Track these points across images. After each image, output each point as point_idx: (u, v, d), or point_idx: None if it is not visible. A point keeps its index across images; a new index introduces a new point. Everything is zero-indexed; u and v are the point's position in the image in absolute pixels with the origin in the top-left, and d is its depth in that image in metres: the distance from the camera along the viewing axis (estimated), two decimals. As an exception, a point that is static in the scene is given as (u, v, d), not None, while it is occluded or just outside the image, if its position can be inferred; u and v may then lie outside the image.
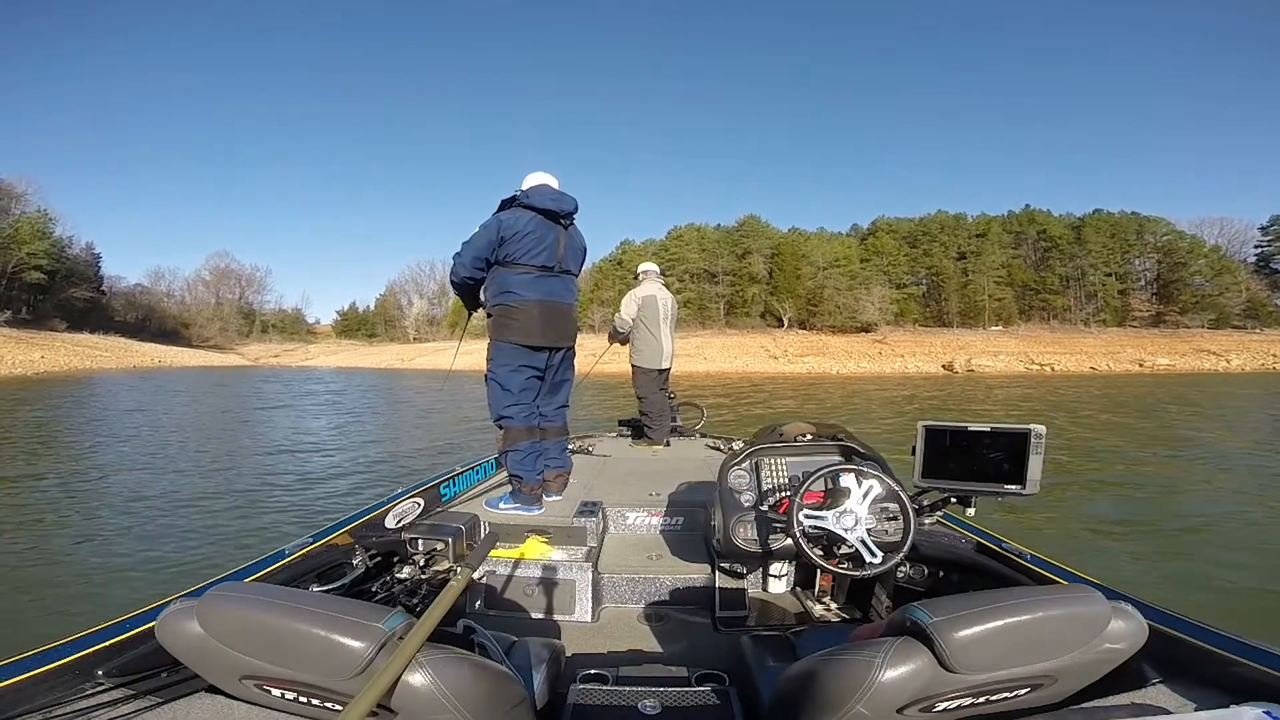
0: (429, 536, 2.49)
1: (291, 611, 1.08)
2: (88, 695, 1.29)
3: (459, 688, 1.06)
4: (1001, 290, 58.02)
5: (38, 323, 52.48)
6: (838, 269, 58.53)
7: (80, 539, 5.35)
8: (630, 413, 5.43)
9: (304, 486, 7.41)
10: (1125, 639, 1.19)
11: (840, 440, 2.49)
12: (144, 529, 5.62)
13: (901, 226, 63.13)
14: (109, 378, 31.60)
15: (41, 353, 38.94)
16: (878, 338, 52.33)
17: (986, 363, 39.22)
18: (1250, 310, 51.81)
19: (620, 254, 64.86)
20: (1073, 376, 33.44)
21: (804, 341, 51.55)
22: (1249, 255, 56.96)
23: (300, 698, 1.14)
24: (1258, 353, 39.18)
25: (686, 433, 5.54)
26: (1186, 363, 38.43)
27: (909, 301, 58.97)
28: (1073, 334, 52.58)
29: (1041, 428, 1.87)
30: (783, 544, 2.21)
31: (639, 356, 5.27)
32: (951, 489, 2.02)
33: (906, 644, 1.13)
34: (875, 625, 1.60)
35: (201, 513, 6.16)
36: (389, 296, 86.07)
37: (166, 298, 79.81)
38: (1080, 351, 42.88)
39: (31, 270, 54.32)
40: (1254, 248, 57.08)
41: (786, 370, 40.05)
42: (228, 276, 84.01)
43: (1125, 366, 38.16)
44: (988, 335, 53.09)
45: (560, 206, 3.05)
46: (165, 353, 53.30)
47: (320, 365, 53.66)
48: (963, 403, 19.56)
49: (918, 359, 42.16)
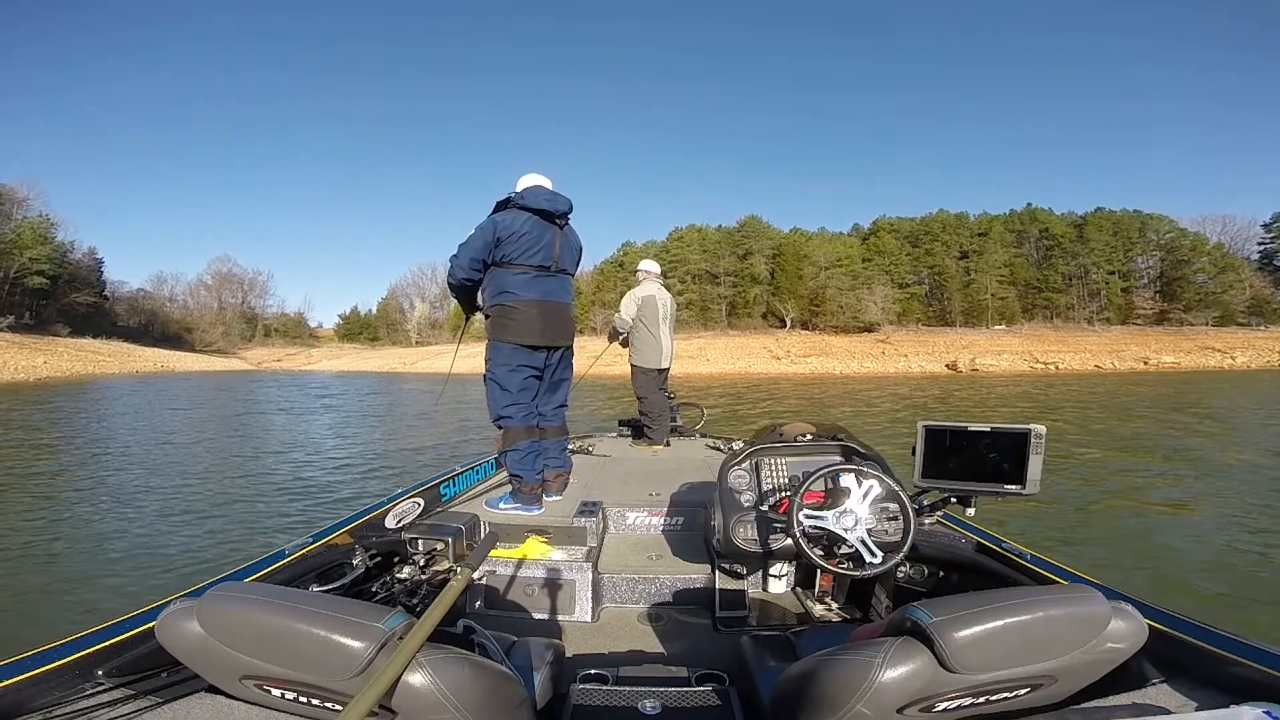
0: (429, 536, 2.48)
1: (291, 611, 1.08)
2: (88, 695, 1.29)
3: (459, 688, 1.06)
4: (1004, 289, 57.86)
5: (40, 328, 52.56)
6: (840, 269, 58.43)
7: (80, 538, 5.33)
8: (630, 413, 5.41)
9: (302, 488, 7.40)
10: (1125, 639, 1.19)
11: (840, 440, 2.49)
12: (145, 529, 5.61)
13: (903, 226, 62.98)
14: (112, 383, 31.66)
15: (44, 358, 38.97)
16: (881, 338, 52.24)
17: (990, 362, 39.12)
18: (1254, 307, 51.53)
19: (622, 255, 64.95)
20: (1078, 375, 33.34)
21: (807, 342, 51.49)
22: (1252, 252, 56.76)
23: (300, 698, 1.14)
24: (1262, 350, 39.01)
25: (686, 433, 5.54)
26: (1191, 360, 38.26)
27: (911, 301, 58.83)
28: (1076, 332, 52.41)
29: (1041, 428, 1.85)
30: (783, 544, 2.21)
31: (639, 356, 5.26)
32: (951, 489, 2.01)
33: (906, 644, 1.13)
34: (875, 625, 1.61)
35: (201, 514, 6.14)
36: (391, 300, 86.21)
37: (169, 302, 79.94)
38: (1084, 350, 42.75)
39: (34, 275, 54.38)
40: (1257, 245, 56.86)
41: (789, 371, 40.04)
42: (230, 281, 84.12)
43: (1130, 364, 38.04)
44: (991, 334, 52.95)
45: (555, 206, 3.06)
46: (168, 357, 53.31)
47: (322, 369, 53.84)
48: (968, 404, 19.47)
49: (921, 359, 42.08)
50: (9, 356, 36.86)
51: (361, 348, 77.10)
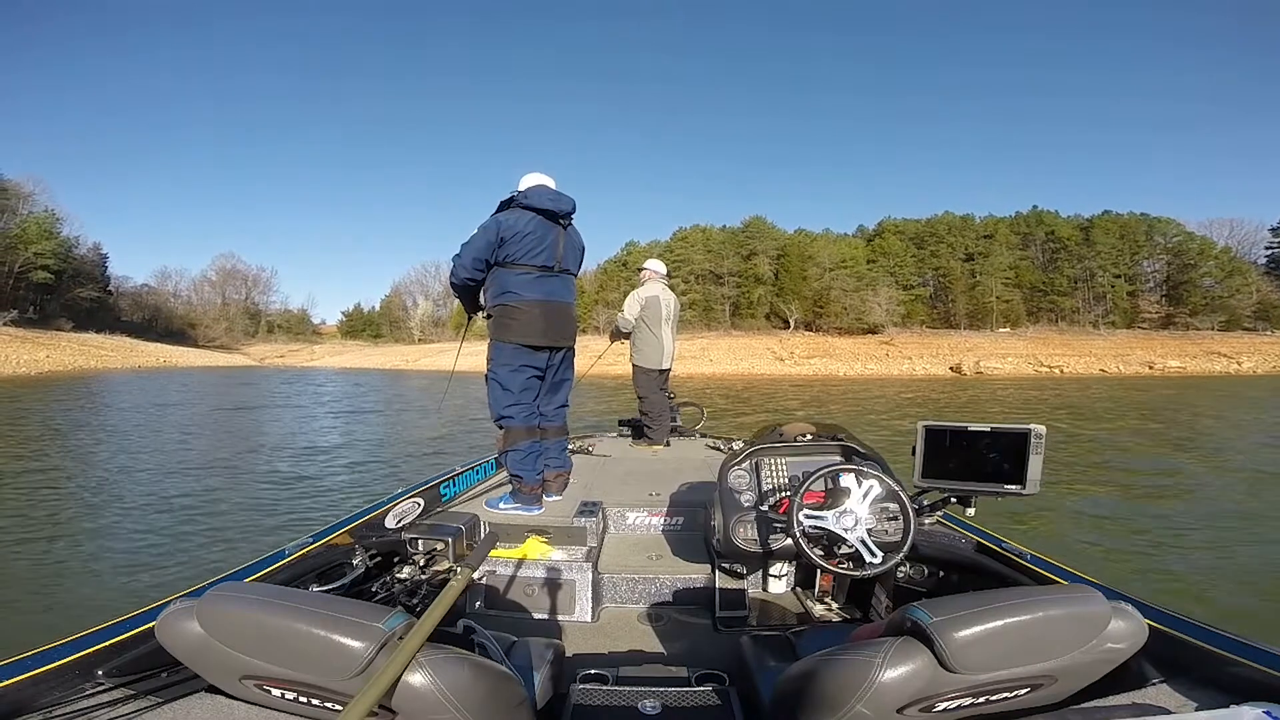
0: (429, 536, 2.48)
1: (291, 611, 1.08)
2: (88, 695, 1.29)
3: (459, 688, 1.06)
4: (1009, 292, 57.66)
5: (44, 322, 52.65)
6: (844, 270, 58.36)
7: (80, 539, 5.32)
8: (630, 413, 5.40)
9: (303, 486, 7.39)
10: (1125, 639, 1.19)
11: (840, 440, 2.49)
12: (144, 529, 5.58)
13: (908, 228, 62.85)
14: (115, 377, 31.75)
15: (46, 352, 38.99)
16: (885, 339, 52.13)
17: (995, 365, 39.02)
18: (1261, 312, 51.21)
19: (625, 255, 65.02)
20: (1082, 379, 33.20)
21: (810, 343, 51.42)
22: (1259, 257, 56.52)
23: (300, 698, 1.14)
24: (1269, 355, 38.83)
25: (686, 433, 5.53)
26: (1197, 365, 38.10)
27: (916, 303, 58.67)
28: (1081, 336, 52.22)
29: (1041, 428, 1.86)
30: (783, 544, 2.21)
31: (640, 356, 5.24)
32: (951, 489, 2.01)
33: (906, 644, 1.13)
34: (875, 625, 1.61)
35: (200, 513, 6.11)
36: (394, 297, 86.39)
37: (173, 298, 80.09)
38: (1089, 354, 42.60)
39: (38, 270, 54.52)
40: (1264, 249, 56.70)
41: (793, 372, 39.97)
42: (234, 277, 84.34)
43: (1135, 369, 37.90)
44: (995, 337, 52.82)
45: (558, 206, 3.04)
46: (170, 352, 53.46)
47: (325, 365, 53.96)
48: (970, 405, 19.37)
49: (925, 361, 41.99)
50: (11, 350, 36.88)
51: (364, 345, 77.23)
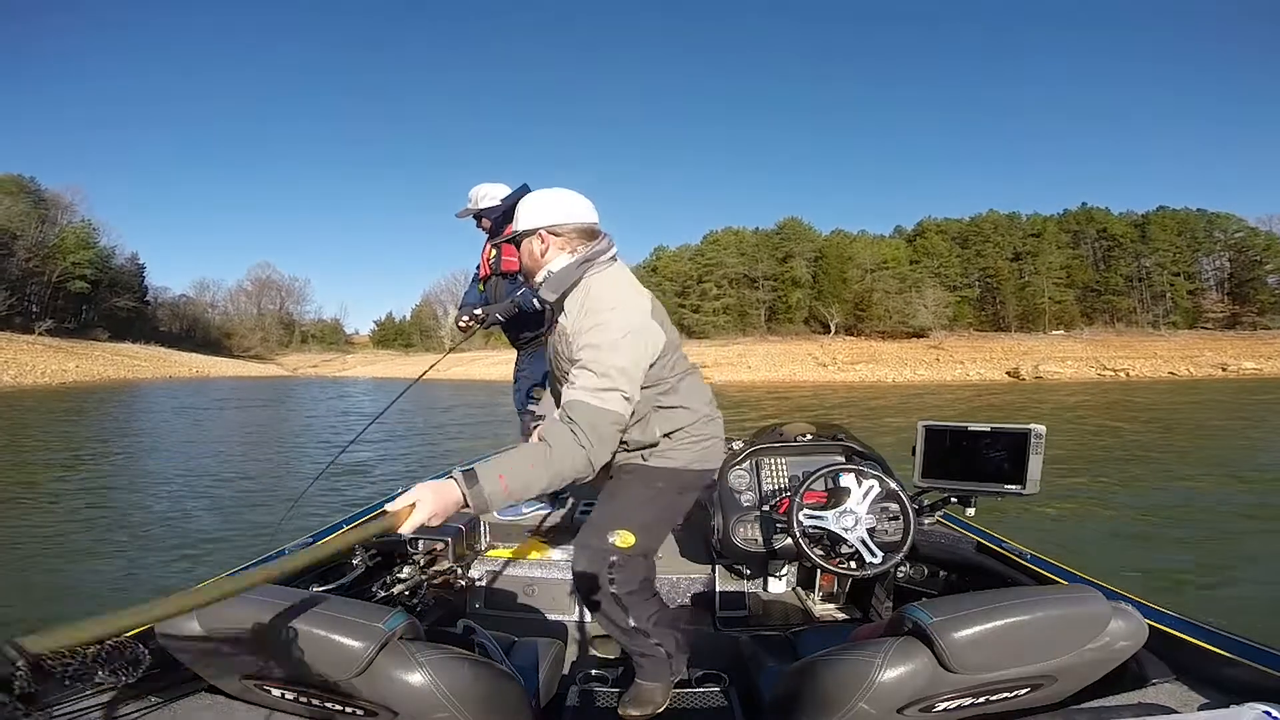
0: (429, 536, 2.40)
1: (291, 611, 1.09)
2: (88, 695, 1.26)
3: (459, 688, 1.08)
4: (1062, 292, 55.23)
5: (80, 332, 53.31)
6: (886, 271, 56.40)
7: (81, 539, 5.41)
8: None
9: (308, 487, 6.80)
10: (1125, 639, 1.20)
11: (840, 440, 2.52)
12: (143, 531, 5.66)
13: (951, 227, 60.54)
14: (145, 387, 31.47)
15: (76, 362, 38.56)
16: (933, 344, 50.09)
17: (1055, 369, 36.89)
18: (1332, 309, 48.40)
19: (655, 260, 63.99)
20: (1151, 382, 31.14)
21: (853, 348, 49.71)
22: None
23: (300, 698, 1.15)
24: (1351, 354, 36.14)
25: None
26: (1274, 366, 35.54)
27: (963, 305, 56.48)
28: (1141, 337, 49.76)
29: (1041, 427, 1.89)
30: (783, 544, 2.24)
31: None
32: (952, 489, 2.05)
33: (907, 644, 1.14)
34: (875, 625, 1.63)
35: (201, 512, 6.27)
36: (424, 307, 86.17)
37: (210, 308, 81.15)
38: (1154, 356, 40.17)
39: (76, 280, 55.31)
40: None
41: (837, 379, 38.39)
42: (269, 287, 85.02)
43: (1207, 371, 35.47)
44: (1050, 340, 50.49)
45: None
46: (204, 363, 53.64)
47: (357, 375, 54.21)
48: (1051, 415, 17.56)
49: (979, 365, 40.02)
50: (39, 359, 36.37)
51: (396, 354, 77.22)
